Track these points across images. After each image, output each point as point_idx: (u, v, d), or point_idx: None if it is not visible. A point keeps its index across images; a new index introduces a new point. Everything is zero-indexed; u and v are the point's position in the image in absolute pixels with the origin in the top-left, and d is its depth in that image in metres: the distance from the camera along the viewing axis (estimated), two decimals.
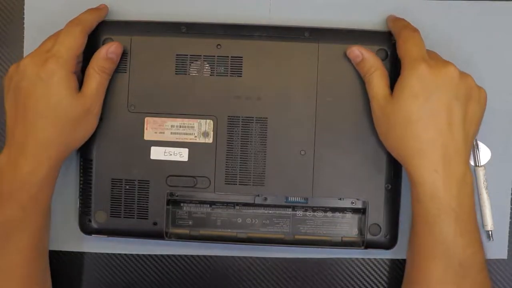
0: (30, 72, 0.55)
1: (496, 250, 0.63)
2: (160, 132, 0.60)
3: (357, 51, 0.58)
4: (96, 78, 0.57)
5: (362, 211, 0.60)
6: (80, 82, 0.58)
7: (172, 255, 0.64)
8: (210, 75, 0.60)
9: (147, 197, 0.60)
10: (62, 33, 0.57)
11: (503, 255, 0.63)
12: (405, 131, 0.54)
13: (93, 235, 0.61)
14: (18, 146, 0.56)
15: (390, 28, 0.59)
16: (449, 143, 0.54)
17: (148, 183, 0.60)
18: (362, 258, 0.64)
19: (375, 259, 0.63)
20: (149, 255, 0.64)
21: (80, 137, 0.58)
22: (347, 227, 0.60)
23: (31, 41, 0.64)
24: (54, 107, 0.55)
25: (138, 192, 0.60)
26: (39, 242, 0.59)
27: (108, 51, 0.58)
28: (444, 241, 0.54)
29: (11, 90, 0.57)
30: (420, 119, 0.54)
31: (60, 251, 0.63)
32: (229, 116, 0.60)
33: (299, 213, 0.61)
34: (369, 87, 0.57)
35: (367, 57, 0.57)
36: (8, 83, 0.58)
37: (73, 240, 0.63)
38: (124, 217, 0.60)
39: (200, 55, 0.60)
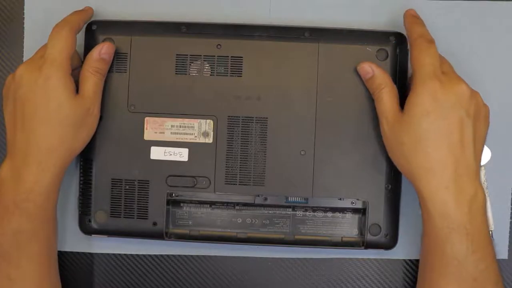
0: (26, 79, 0.55)
1: (497, 250, 0.62)
2: (160, 132, 0.60)
3: (368, 67, 0.57)
4: (92, 79, 0.57)
5: (362, 211, 0.60)
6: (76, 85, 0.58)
7: (172, 255, 0.64)
8: (210, 75, 0.60)
9: (147, 197, 0.60)
10: (51, 37, 0.56)
11: (504, 255, 0.63)
12: (415, 149, 0.54)
13: (93, 235, 0.61)
14: (20, 155, 0.55)
15: (406, 29, 0.58)
16: (460, 161, 0.54)
17: (148, 183, 0.60)
18: (362, 258, 0.64)
19: (375, 259, 0.63)
20: (149, 255, 0.64)
21: (82, 140, 0.58)
22: (347, 227, 0.60)
23: (31, 41, 0.64)
24: (54, 111, 0.55)
25: (138, 192, 0.60)
26: (48, 250, 0.58)
27: (101, 52, 0.58)
28: (456, 258, 0.53)
29: (9, 100, 0.57)
30: (431, 137, 0.53)
31: (60, 251, 0.63)
32: (229, 116, 0.60)
33: (299, 213, 0.61)
34: (378, 104, 0.57)
35: (377, 74, 0.57)
36: (6, 94, 0.57)
37: (73, 240, 0.63)
38: (124, 217, 0.60)
39: (200, 55, 0.60)
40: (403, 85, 0.59)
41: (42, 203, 0.56)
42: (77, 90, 0.57)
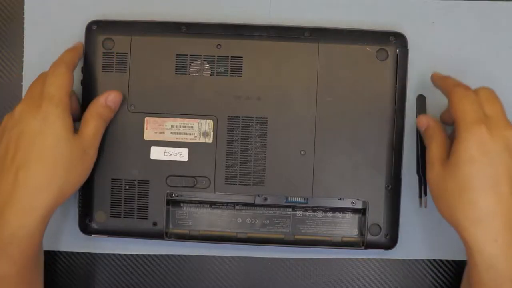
0: (25, 116, 0.54)
1: None
2: (160, 132, 0.60)
3: (424, 120, 0.57)
4: (93, 122, 0.57)
5: (362, 211, 0.60)
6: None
7: (172, 255, 0.64)
8: (210, 75, 0.60)
9: (147, 197, 0.60)
10: (49, 75, 0.55)
11: None
12: (461, 198, 0.51)
13: (93, 235, 0.61)
14: (5, 197, 0.53)
15: (437, 86, 0.58)
16: (511, 212, 0.51)
17: (148, 183, 0.60)
18: (362, 258, 0.63)
19: (375, 259, 0.63)
20: (149, 255, 0.64)
21: (75, 181, 0.56)
22: (347, 227, 0.60)
23: (31, 41, 0.64)
24: (51, 148, 0.53)
25: (138, 192, 0.60)
26: None
27: (107, 99, 0.58)
28: None
29: (3, 137, 0.55)
30: (478, 186, 0.51)
31: (60, 251, 0.63)
32: (229, 116, 0.60)
33: (299, 213, 0.61)
34: (427, 152, 0.56)
35: (431, 125, 0.57)
36: (1, 132, 0.56)
37: (73, 240, 0.63)
38: (124, 217, 0.60)
39: (200, 55, 0.60)
40: (403, 86, 0.59)
41: (27, 247, 0.53)
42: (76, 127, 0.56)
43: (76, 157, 0.55)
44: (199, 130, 0.60)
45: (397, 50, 0.59)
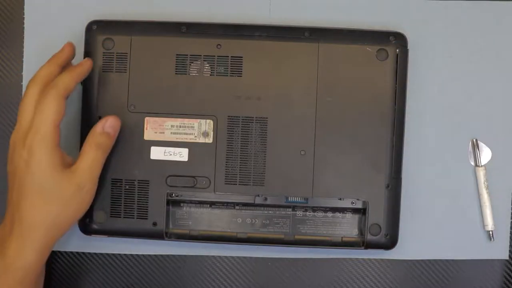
0: (16, 148, 0.54)
1: (497, 251, 0.63)
2: (160, 132, 0.60)
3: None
4: (90, 154, 0.55)
5: (362, 211, 0.60)
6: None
7: (172, 255, 0.64)
8: (210, 75, 0.60)
9: (147, 197, 0.60)
10: (40, 102, 0.54)
11: (505, 255, 0.63)
12: None
13: (93, 235, 0.61)
14: (8, 225, 0.54)
15: None
16: None
17: (148, 183, 0.60)
18: (362, 258, 0.63)
19: (375, 259, 0.63)
20: (149, 255, 0.64)
21: (70, 217, 0.55)
22: (347, 227, 0.60)
23: (31, 41, 0.64)
24: (39, 186, 0.53)
25: (138, 192, 0.60)
26: None
27: (105, 125, 0.57)
28: None
29: (11, 159, 0.55)
30: None
31: (60, 251, 0.63)
32: (229, 116, 0.60)
33: (299, 213, 0.61)
34: None
35: None
36: (11, 154, 0.55)
37: (73, 240, 0.63)
38: (124, 217, 0.60)
39: (200, 55, 0.60)
40: (403, 86, 0.59)
41: (22, 279, 0.53)
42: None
43: (69, 193, 0.54)
44: (199, 130, 0.60)
45: (397, 50, 0.59)
